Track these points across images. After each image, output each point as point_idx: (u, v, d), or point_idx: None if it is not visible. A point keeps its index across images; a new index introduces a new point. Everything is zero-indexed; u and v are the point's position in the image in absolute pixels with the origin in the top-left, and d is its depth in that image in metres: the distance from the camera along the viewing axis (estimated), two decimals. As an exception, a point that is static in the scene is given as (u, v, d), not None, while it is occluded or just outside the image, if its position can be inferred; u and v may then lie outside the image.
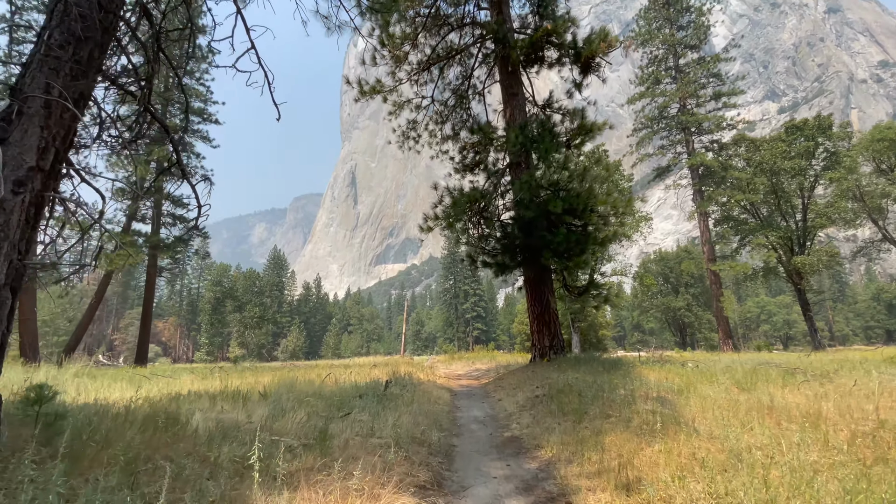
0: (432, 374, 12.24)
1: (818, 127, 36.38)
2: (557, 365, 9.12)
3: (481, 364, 19.48)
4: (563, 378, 7.42)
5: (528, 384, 7.76)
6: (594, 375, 7.82)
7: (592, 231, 9.24)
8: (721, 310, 33.59)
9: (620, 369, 8.94)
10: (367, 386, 7.15)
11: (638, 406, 5.10)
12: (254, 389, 7.21)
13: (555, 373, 8.29)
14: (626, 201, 9.52)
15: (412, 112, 14.73)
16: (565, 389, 6.23)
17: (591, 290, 9.74)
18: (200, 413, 4.61)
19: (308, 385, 7.21)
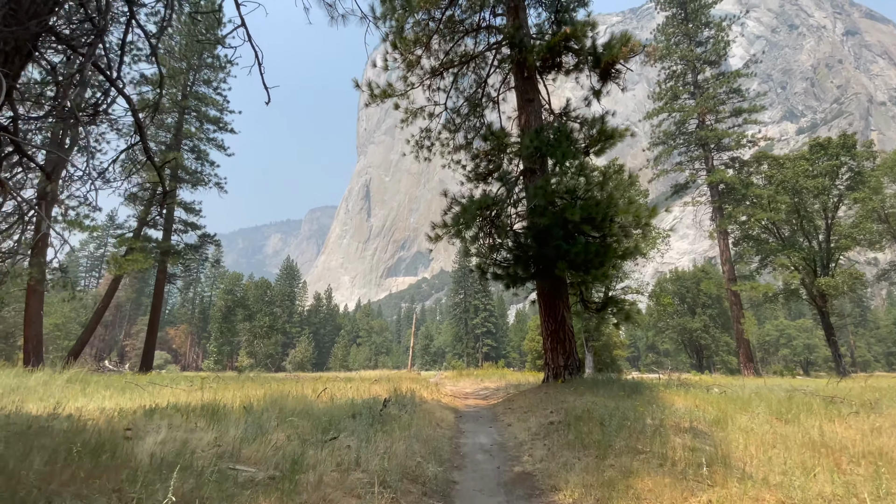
0: (437, 392, 11.50)
1: (842, 145, 35.39)
2: (573, 387, 8.36)
3: (490, 382, 18.63)
4: (581, 402, 6.68)
5: (542, 408, 7.02)
6: (615, 400, 7.06)
7: (612, 243, 8.56)
8: (742, 332, 32.19)
9: (643, 393, 8.15)
10: (363, 404, 6.50)
11: (671, 439, 4.37)
12: (242, 403, 6.62)
13: (571, 396, 7.55)
14: (650, 211, 8.85)
15: (425, 120, 14.31)
16: (584, 416, 5.50)
17: (611, 305, 8.99)
18: (167, 431, 4.02)
19: (299, 401, 6.59)
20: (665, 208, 31.48)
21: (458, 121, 15.53)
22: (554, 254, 8.47)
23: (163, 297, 29.81)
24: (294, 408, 5.78)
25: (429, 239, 10.22)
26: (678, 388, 9.75)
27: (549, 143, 8.97)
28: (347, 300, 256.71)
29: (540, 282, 9.75)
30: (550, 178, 8.79)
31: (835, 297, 35.61)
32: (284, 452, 3.50)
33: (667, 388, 9.11)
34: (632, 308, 8.30)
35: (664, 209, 32.32)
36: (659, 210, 10.94)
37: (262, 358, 72.58)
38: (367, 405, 6.37)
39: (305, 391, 8.27)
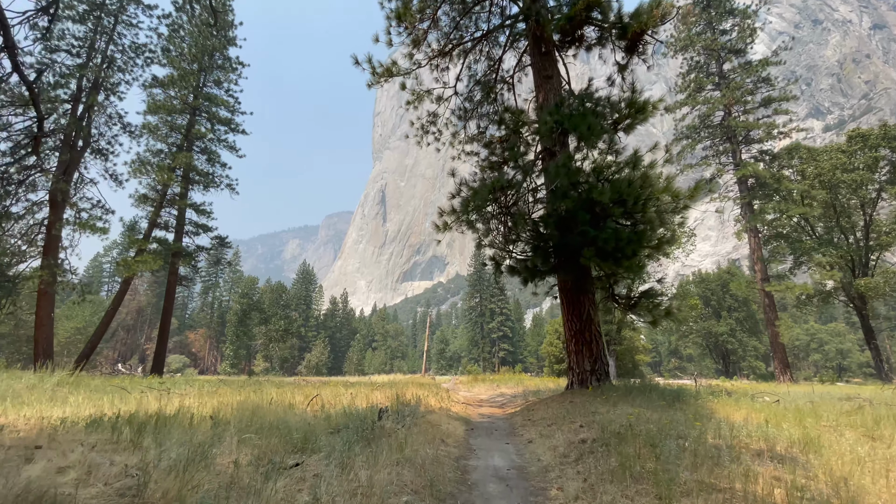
0: (448, 399, 10.39)
1: (884, 136, 33.22)
2: (603, 395, 7.17)
3: (507, 388, 17.45)
4: (616, 414, 5.52)
5: (568, 420, 5.87)
6: (656, 411, 5.86)
7: (646, 229, 7.38)
8: (777, 336, 30.15)
9: (687, 403, 6.91)
10: (357, 414, 5.47)
11: (752, 469, 3.21)
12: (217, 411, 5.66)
13: (602, 405, 6.38)
14: (692, 190, 7.59)
15: (433, 103, 13.32)
16: (625, 434, 4.35)
17: (646, 300, 7.73)
18: (81, 451, 3.05)
19: (280, 410, 5.60)
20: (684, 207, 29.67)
21: (469, 108, 14.49)
22: (579, 242, 7.32)
23: (174, 299, 29.45)
24: (269, 419, 4.78)
25: (436, 228, 9.14)
26: (723, 397, 8.45)
27: (571, 117, 7.85)
28: (364, 304, 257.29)
29: (562, 276, 8.59)
30: (574, 154, 7.66)
31: (875, 298, 33.46)
32: (214, 487, 2.48)
33: (712, 397, 7.84)
34: (672, 303, 7.08)
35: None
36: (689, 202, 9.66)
37: (278, 362, 72.44)
38: (359, 416, 5.33)
39: (296, 399, 7.29)
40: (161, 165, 26.59)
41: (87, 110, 27.57)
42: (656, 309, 7.12)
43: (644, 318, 7.21)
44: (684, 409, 6.27)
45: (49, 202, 23.83)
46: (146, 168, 26.20)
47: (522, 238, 9.23)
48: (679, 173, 34.58)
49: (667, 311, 7.13)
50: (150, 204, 27.45)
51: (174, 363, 72.53)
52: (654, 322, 7.16)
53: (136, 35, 29.82)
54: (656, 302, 7.28)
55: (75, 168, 26.80)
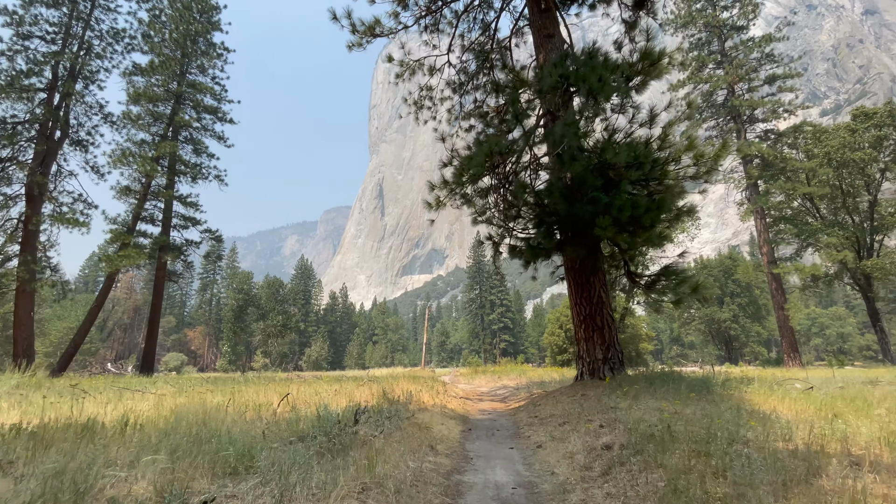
0: (445, 393, 9.41)
1: (890, 114, 32.26)
2: (620, 387, 6.21)
3: (509, 380, 16.54)
4: (642, 411, 4.57)
5: (583, 417, 4.90)
6: (688, 405, 4.91)
7: (665, 196, 6.38)
8: (786, 319, 29.26)
9: (716, 394, 5.95)
10: (330, 417, 4.50)
11: (851, 485, 2.25)
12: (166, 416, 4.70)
13: (621, 400, 5.42)
14: (719, 148, 6.56)
15: (425, 75, 12.23)
16: (662, 437, 3.39)
17: (667, 278, 6.70)
18: None
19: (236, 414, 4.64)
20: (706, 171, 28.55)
21: (464, 80, 13.40)
22: (590, 212, 6.32)
23: (162, 295, 28.41)
24: (216, 427, 3.81)
25: (427, 206, 8.10)
26: (754, 385, 7.49)
27: (578, 71, 6.81)
28: (363, 299, 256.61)
29: (570, 253, 7.59)
30: (582, 114, 6.62)
31: (882, 279, 32.74)
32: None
33: (743, 386, 6.89)
34: (698, 279, 6.11)
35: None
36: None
37: (277, 357, 71.61)
38: (332, 420, 4.36)
39: (269, 397, 6.32)
40: (144, 155, 25.42)
41: (64, 99, 26.38)
42: (681, 286, 6.13)
43: (666, 297, 6.24)
44: (719, 401, 5.31)
45: (25, 196, 22.72)
46: (128, 159, 25.02)
47: (524, 213, 8.21)
48: (701, 134, 33.49)
49: (693, 288, 6.15)
50: (134, 196, 26.32)
51: (172, 361, 71.66)
52: (679, 301, 6.19)
53: (115, 20, 28.49)
54: (681, 278, 6.29)
55: (53, 160, 25.66)
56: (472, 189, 7.90)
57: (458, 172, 6.57)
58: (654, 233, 6.31)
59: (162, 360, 73.71)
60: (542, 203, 7.53)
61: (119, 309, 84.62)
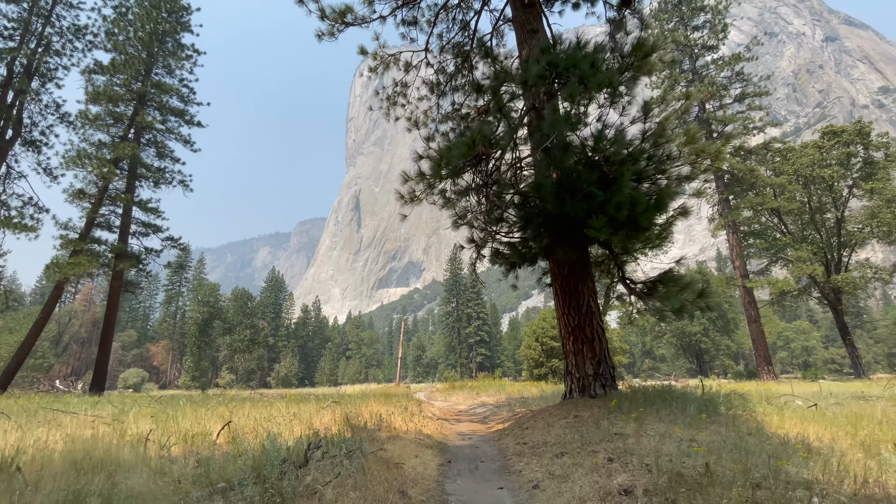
0: (421, 413, 8.47)
1: (858, 132, 33.60)
2: (618, 407, 5.49)
3: (488, 396, 15.69)
4: (654, 439, 3.84)
5: (586, 448, 4.12)
6: (701, 429, 4.21)
7: (664, 193, 5.81)
8: (760, 332, 29.52)
9: (723, 415, 5.30)
10: (275, 454, 3.58)
11: None
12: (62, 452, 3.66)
13: (623, 423, 4.69)
14: (722, 142, 6.05)
15: (401, 71, 11.55)
16: (696, 478, 2.65)
17: (666, 284, 6.05)
18: None
19: (161, 447, 3.67)
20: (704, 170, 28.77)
21: (442, 80, 12.77)
22: (583, 209, 5.67)
23: (117, 306, 26.38)
24: (112, 474, 2.86)
25: (399, 199, 7.30)
26: (754, 403, 6.90)
27: (568, 56, 6.22)
28: (338, 312, 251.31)
29: (560, 256, 6.91)
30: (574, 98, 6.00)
31: (851, 293, 33.67)
32: None
33: (748, 404, 6.28)
34: (702, 285, 5.52)
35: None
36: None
37: (244, 374, 68.50)
38: (278, 458, 3.44)
39: (213, 425, 5.31)
40: (101, 157, 23.78)
41: (18, 97, 24.63)
42: (683, 292, 5.50)
43: (666, 305, 5.61)
44: (732, 423, 4.64)
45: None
46: (83, 160, 23.32)
47: (508, 216, 7.51)
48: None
49: (699, 294, 5.54)
50: (88, 200, 24.51)
51: (131, 378, 67.54)
52: (681, 309, 5.57)
53: (77, 16, 27.05)
54: (683, 284, 5.67)
55: (2, 161, 23.81)
56: (451, 187, 7.18)
57: (436, 164, 5.83)
58: (652, 233, 5.71)
59: (120, 377, 69.51)
60: (528, 203, 6.85)
61: (76, 322, 79.68)
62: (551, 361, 43.39)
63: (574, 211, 5.86)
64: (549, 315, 46.73)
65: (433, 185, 6.99)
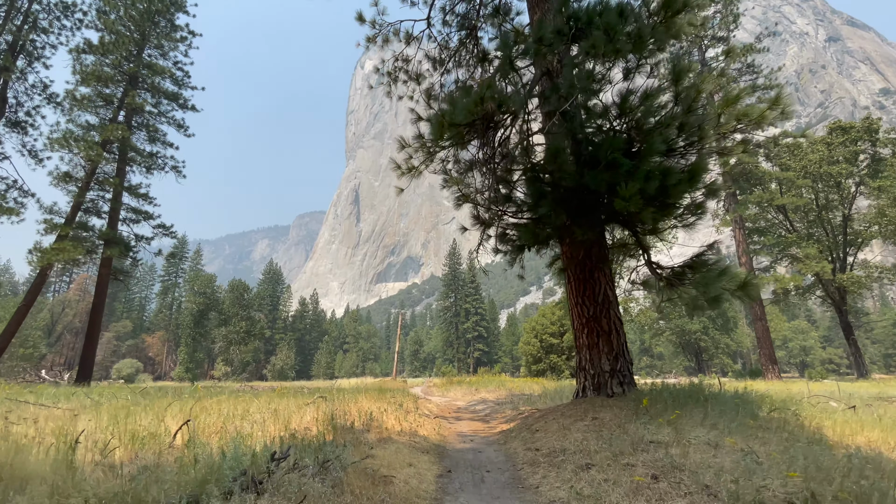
0: (417, 411, 7.70)
1: (867, 129, 32.90)
2: (647, 410, 4.74)
3: (487, 393, 14.96)
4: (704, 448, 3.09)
5: (616, 460, 3.36)
6: (753, 439, 3.45)
7: (699, 163, 5.04)
8: (766, 330, 28.85)
9: (767, 420, 4.55)
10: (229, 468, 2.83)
11: None
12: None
13: (654, 427, 3.95)
14: (769, 103, 5.32)
15: (401, 43, 10.72)
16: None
17: (697, 270, 5.22)
18: None
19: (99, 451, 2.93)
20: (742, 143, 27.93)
21: (445, 57, 11.93)
22: (606, 180, 4.89)
23: (105, 294, 25.54)
24: None
25: (396, 169, 6.51)
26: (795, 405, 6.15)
27: (590, 9, 5.41)
28: (336, 306, 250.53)
29: (574, 240, 6.15)
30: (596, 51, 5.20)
31: (856, 292, 33.13)
32: None
33: (791, 407, 5.54)
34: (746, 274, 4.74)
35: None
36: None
37: (239, 366, 67.74)
38: (231, 473, 2.69)
39: (167, 425, 4.54)
40: (88, 139, 22.87)
41: (2, 75, 23.69)
42: (720, 279, 4.70)
43: (702, 293, 4.83)
44: (784, 429, 3.88)
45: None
46: (69, 142, 22.41)
47: (517, 196, 6.71)
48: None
49: (743, 283, 4.75)
50: (75, 184, 23.62)
51: (125, 368, 66.82)
52: (717, 299, 4.81)
53: (66, -8, 26.06)
54: (720, 270, 4.87)
55: (-17, 142, 22.93)
56: (455, 155, 6.40)
57: (438, 125, 5.02)
58: (684, 210, 4.94)
59: (114, 368, 68.85)
60: (540, 178, 6.06)
61: (70, 311, 78.90)
62: (550, 357, 42.81)
63: (595, 184, 5.08)
64: (548, 311, 46.08)
65: (433, 153, 6.19)
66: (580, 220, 5.52)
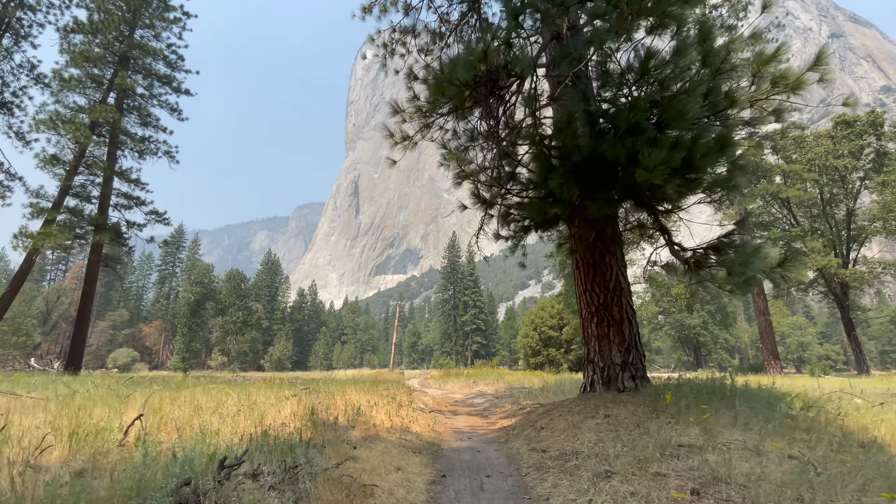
0: (411, 405, 7.14)
1: (872, 123, 32.39)
2: (666, 405, 4.21)
3: (486, 385, 14.48)
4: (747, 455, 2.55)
5: (643, 468, 2.82)
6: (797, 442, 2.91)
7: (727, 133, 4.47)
8: (769, 325, 28.38)
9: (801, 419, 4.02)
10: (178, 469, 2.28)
11: None
12: None
13: (682, 428, 3.42)
14: (813, 63, 4.73)
15: (398, 12, 10.05)
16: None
17: (723, 252, 4.61)
18: None
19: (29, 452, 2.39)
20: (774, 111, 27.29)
21: (445, 30, 11.28)
22: (625, 151, 4.31)
23: (95, 282, 24.91)
24: None
25: (389, 138, 5.88)
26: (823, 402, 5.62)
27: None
28: (335, 298, 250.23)
29: (582, 221, 5.55)
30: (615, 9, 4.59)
31: (858, 288, 32.78)
32: None
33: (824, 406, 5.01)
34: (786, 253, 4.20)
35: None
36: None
37: (236, 356, 67.32)
38: (174, 481, 2.14)
39: (122, 418, 4.00)
40: (76, 121, 22.13)
41: (-16, 52, 22.92)
42: (752, 260, 4.12)
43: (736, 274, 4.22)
44: (826, 430, 3.34)
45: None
46: (56, 123, 21.67)
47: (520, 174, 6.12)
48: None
49: (783, 262, 4.19)
50: (63, 167, 22.90)
51: (121, 357, 66.46)
52: (748, 282, 4.24)
53: (53, -31, 25.16)
54: (752, 250, 4.28)
55: (-34, 123, 22.20)
56: (455, 124, 5.80)
57: (437, 86, 4.43)
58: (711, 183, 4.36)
59: (110, 357, 68.51)
60: (548, 150, 5.47)
61: (65, 300, 78.43)
62: (548, 350, 42.48)
63: (613, 152, 4.49)
64: (547, 304, 45.68)
65: (431, 120, 5.56)
66: (593, 196, 4.95)
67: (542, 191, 5.56)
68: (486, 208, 6.32)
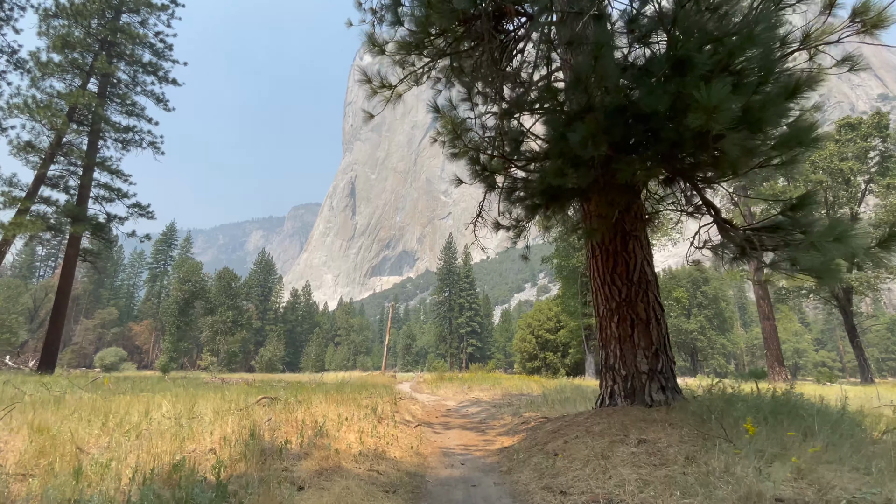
0: (393, 418, 6.02)
1: (876, 125, 31.95)
2: (705, 425, 3.18)
3: (482, 391, 13.39)
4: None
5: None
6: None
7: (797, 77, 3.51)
8: (773, 330, 27.48)
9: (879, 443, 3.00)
10: None
11: None
12: None
13: (767, 468, 2.39)
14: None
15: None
16: None
17: (788, 232, 3.63)
18: None
19: None
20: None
21: None
22: (667, 100, 3.29)
23: (72, 277, 23.64)
24: None
25: (367, 84, 4.86)
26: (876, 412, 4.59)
27: None
28: (330, 299, 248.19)
29: (602, 196, 4.52)
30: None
31: (863, 293, 32.18)
32: None
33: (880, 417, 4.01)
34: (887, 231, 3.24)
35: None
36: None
37: (226, 357, 65.84)
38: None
39: None
40: (52, 107, 20.96)
41: (-39, 37, 21.74)
42: (844, 239, 3.11)
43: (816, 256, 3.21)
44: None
45: None
46: (30, 108, 20.49)
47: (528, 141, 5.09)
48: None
49: (886, 239, 3.20)
50: (38, 155, 21.70)
51: (108, 357, 64.83)
52: (831, 270, 3.25)
53: (32, -51, 24.02)
54: (839, 227, 3.25)
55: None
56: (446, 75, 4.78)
57: (424, 17, 3.37)
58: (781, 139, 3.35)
59: (97, 356, 66.89)
60: (561, 108, 4.43)
61: (52, 296, 76.91)
62: (545, 354, 41.44)
63: (650, 102, 3.46)
64: (544, 307, 44.67)
65: (419, 55, 4.50)
66: (622, 158, 3.91)
67: (557, 154, 4.49)
68: (486, 182, 5.26)
